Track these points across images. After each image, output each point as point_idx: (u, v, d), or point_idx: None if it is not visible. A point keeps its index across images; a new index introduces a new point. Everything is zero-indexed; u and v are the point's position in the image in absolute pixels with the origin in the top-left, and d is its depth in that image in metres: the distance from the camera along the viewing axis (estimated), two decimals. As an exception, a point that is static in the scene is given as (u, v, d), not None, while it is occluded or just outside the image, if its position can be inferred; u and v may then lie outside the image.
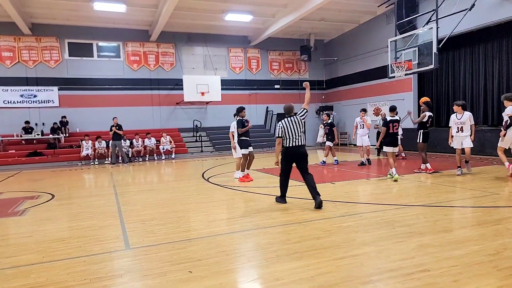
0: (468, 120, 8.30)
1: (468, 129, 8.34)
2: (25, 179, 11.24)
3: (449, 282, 2.96)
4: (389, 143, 8.36)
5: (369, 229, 4.47)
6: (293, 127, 5.86)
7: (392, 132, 8.34)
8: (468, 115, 8.31)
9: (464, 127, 8.34)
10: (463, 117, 8.33)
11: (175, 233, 4.66)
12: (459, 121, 8.36)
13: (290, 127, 5.85)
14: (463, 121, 8.33)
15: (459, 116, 8.40)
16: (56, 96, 16.62)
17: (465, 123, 8.31)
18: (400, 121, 8.60)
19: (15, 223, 5.60)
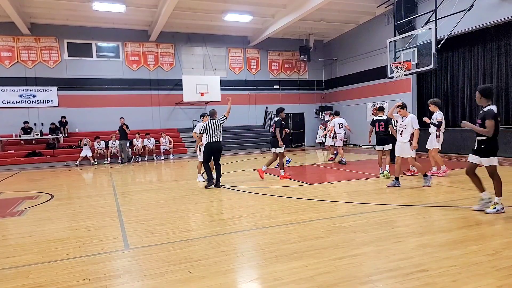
0: (410, 124, 7.13)
1: (409, 134, 7.16)
2: (24, 179, 11.22)
3: (448, 282, 2.96)
4: (377, 142, 8.54)
5: (368, 229, 4.47)
6: (213, 127, 7.89)
7: (378, 131, 8.43)
8: (411, 118, 7.19)
9: (404, 131, 7.21)
10: (406, 120, 7.21)
11: (174, 233, 4.66)
12: (401, 124, 7.32)
13: (210, 127, 7.89)
14: (405, 125, 7.21)
15: (402, 118, 7.35)
16: (55, 96, 16.59)
17: (406, 127, 7.17)
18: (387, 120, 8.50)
19: (14, 223, 5.59)
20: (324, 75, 21.81)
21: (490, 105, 5.06)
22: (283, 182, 8.39)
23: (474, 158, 5.17)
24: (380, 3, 15.83)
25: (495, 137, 5.08)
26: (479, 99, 5.20)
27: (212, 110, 8.53)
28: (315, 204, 6.07)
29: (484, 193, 5.13)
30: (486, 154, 5.04)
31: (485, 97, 5.16)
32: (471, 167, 5.19)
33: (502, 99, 13.05)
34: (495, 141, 5.08)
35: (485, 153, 5.04)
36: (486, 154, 5.04)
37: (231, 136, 18.82)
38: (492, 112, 4.95)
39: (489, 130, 4.93)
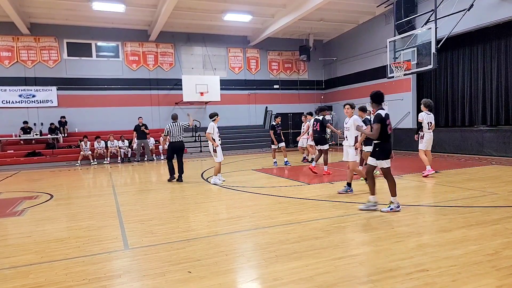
0: (353, 126, 6.54)
1: (353, 137, 6.71)
2: (23, 179, 11.22)
3: (447, 282, 2.96)
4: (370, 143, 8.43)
5: (368, 229, 4.47)
6: (175, 129, 9.00)
7: None
8: (353, 119, 6.64)
9: (348, 134, 6.72)
10: (349, 122, 6.62)
11: (174, 233, 4.66)
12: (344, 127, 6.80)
13: (173, 129, 8.97)
14: (348, 127, 6.67)
15: (346, 120, 6.79)
16: (54, 96, 16.58)
17: (350, 129, 6.68)
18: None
19: (13, 223, 5.59)
20: (324, 75, 21.81)
21: (380, 110, 5.25)
22: (282, 183, 8.39)
23: (371, 160, 5.36)
24: (380, 3, 15.83)
25: (387, 140, 5.25)
26: (371, 104, 5.40)
27: (174, 114, 9.53)
28: (315, 204, 6.07)
29: (372, 197, 5.32)
30: (379, 157, 5.23)
31: (375, 102, 5.34)
32: (369, 169, 5.40)
33: (502, 99, 13.04)
34: (387, 145, 5.25)
35: (378, 155, 5.23)
36: (379, 156, 5.23)
37: (231, 136, 18.81)
38: (379, 116, 5.16)
39: (374, 133, 5.15)
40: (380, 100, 5.33)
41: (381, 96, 5.35)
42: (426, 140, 8.54)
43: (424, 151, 8.56)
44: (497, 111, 13.27)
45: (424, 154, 8.57)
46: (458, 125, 14.67)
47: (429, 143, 8.59)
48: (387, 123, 5.18)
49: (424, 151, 8.57)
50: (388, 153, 5.27)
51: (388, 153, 5.26)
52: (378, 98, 5.33)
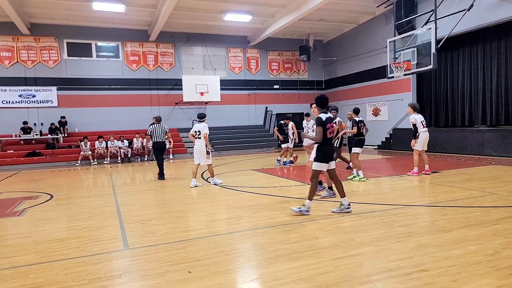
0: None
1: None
2: (23, 179, 11.22)
3: (447, 282, 2.96)
4: (361, 144, 8.40)
5: (368, 229, 4.47)
6: (158, 130, 9.58)
7: (362, 133, 8.40)
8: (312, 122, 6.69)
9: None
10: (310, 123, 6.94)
11: (174, 233, 4.66)
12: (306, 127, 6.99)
13: (156, 130, 9.57)
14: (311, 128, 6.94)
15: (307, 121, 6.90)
16: (54, 96, 16.58)
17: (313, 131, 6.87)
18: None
19: (13, 223, 5.59)
20: (324, 75, 21.81)
21: (322, 113, 5.27)
22: (282, 183, 8.39)
23: (314, 164, 5.36)
24: (380, 3, 15.84)
25: (327, 144, 5.28)
26: (314, 108, 5.44)
27: (158, 116, 10.14)
28: (315, 204, 6.07)
29: (308, 201, 5.31)
30: (319, 160, 5.27)
31: (319, 106, 5.38)
32: (330, 173, 5.43)
33: (502, 99, 13.04)
34: (328, 148, 5.29)
35: (319, 158, 5.28)
36: (319, 159, 5.27)
37: (231, 136, 18.83)
38: (319, 120, 5.19)
39: (317, 136, 5.18)
40: (324, 104, 5.37)
41: (325, 100, 5.39)
42: (421, 140, 8.56)
43: (419, 152, 8.59)
44: (497, 111, 13.27)
45: (417, 155, 8.60)
46: (458, 125, 14.67)
47: (424, 142, 8.62)
48: (327, 127, 5.21)
49: (419, 152, 8.59)
50: (329, 156, 5.32)
51: (328, 156, 5.31)
52: (323, 102, 5.36)
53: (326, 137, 5.22)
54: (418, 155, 8.64)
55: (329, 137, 5.27)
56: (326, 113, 5.31)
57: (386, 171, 9.47)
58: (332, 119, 5.33)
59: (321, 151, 5.25)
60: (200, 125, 8.37)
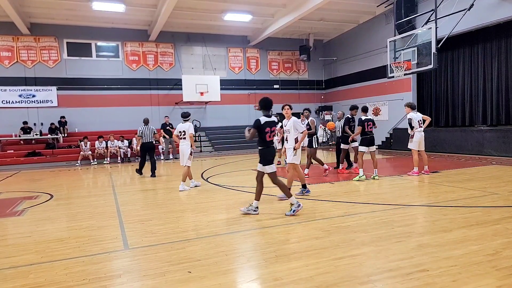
0: (292, 127, 6.30)
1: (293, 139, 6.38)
2: (23, 179, 11.21)
3: (448, 282, 2.96)
4: (367, 143, 8.32)
5: (368, 229, 4.47)
6: (147, 132, 10.23)
7: (368, 131, 8.28)
8: (293, 121, 6.33)
9: (288, 136, 6.50)
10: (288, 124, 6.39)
11: (174, 233, 4.65)
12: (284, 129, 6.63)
13: (145, 131, 10.23)
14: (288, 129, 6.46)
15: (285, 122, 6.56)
16: (54, 96, 16.58)
17: (290, 131, 6.42)
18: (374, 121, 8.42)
19: (13, 223, 5.59)
20: (324, 74, 21.80)
21: (263, 116, 5.31)
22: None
23: (258, 165, 5.42)
24: (380, 2, 15.82)
25: (268, 146, 5.31)
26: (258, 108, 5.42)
27: (145, 118, 10.71)
28: (315, 204, 6.07)
29: (256, 202, 5.39)
30: (262, 162, 5.33)
31: (262, 108, 5.40)
32: (258, 174, 5.44)
33: (503, 98, 13.03)
34: (269, 150, 5.32)
35: (261, 161, 5.34)
36: (262, 162, 5.33)
37: (231, 136, 18.82)
38: (256, 122, 5.23)
39: (249, 136, 5.21)
40: (268, 107, 5.38)
41: (268, 103, 5.39)
42: (416, 140, 8.57)
43: (417, 152, 8.59)
44: (497, 111, 13.26)
45: (416, 155, 8.60)
46: (458, 125, 14.67)
47: (420, 142, 8.62)
48: (266, 130, 5.22)
49: (417, 152, 8.59)
50: (271, 159, 5.35)
51: (270, 158, 5.35)
52: (266, 104, 5.37)
53: (265, 140, 5.27)
54: (418, 155, 8.64)
55: (268, 140, 5.30)
56: (270, 116, 5.35)
57: (386, 171, 9.47)
58: (272, 122, 5.33)
59: (262, 153, 5.31)
60: (185, 125, 8.03)
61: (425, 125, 8.75)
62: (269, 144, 5.37)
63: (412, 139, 8.59)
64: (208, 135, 18.76)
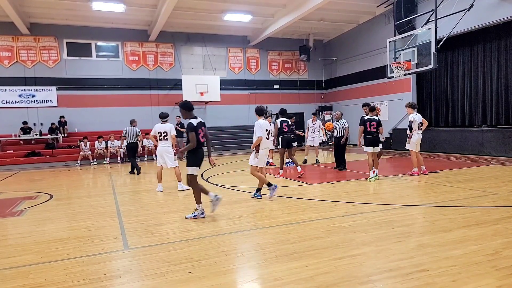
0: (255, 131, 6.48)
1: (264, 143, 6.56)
2: (23, 179, 11.21)
3: (448, 282, 2.96)
4: (368, 143, 8.20)
5: (368, 229, 4.47)
6: (131, 132, 10.81)
7: (370, 131, 8.15)
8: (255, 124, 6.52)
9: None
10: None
11: (174, 233, 4.65)
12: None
13: (129, 132, 10.79)
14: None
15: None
16: (54, 96, 16.57)
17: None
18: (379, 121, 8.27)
19: (13, 224, 5.58)
20: (324, 75, 21.80)
21: (192, 119, 5.33)
22: (282, 183, 8.38)
23: (188, 168, 5.42)
24: (380, 2, 15.83)
25: (197, 149, 5.34)
26: (183, 113, 5.45)
27: (132, 120, 11.16)
28: (315, 204, 6.07)
29: (199, 205, 5.42)
30: (189, 163, 5.37)
31: (185, 111, 5.41)
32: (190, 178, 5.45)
33: (502, 99, 13.03)
34: (197, 152, 5.36)
35: (189, 162, 5.37)
36: (189, 163, 5.37)
37: (231, 136, 18.81)
38: (191, 125, 5.26)
39: (191, 144, 5.23)
40: (189, 109, 5.41)
41: (188, 105, 5.42)
42: (414, 141, 8.59)
43: (415, 152, 8.60)
44: (497, 111, 13.26)
45: (415, 156, 8.62)
46: (458, 125, 14.67)
47: (417, 144, 8.64)
48: (198, 131, 5.25)
49: (415, 153, 8.60)
50: (198, 161, 5.38)
51: (198, 160, 5.37)
52: (189, 107, 5.40)
53: (199, 141, 5.29)
54: (415, 156, 8.64)
55: (201, 141, 5.33)
56: (196, 118, 5.37)
57: (386, 171, 9.47)
58: (203, 123, 5.40)
59: (194, 155, 5.32)
60: (165, 125, 7.88)
61: (422, 128, 8.69)
62: (202, 145, 5.40)
63: (410, 140, 8.61)
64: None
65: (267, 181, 6.52)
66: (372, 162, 8.17)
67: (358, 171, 9.74)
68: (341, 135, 9.97)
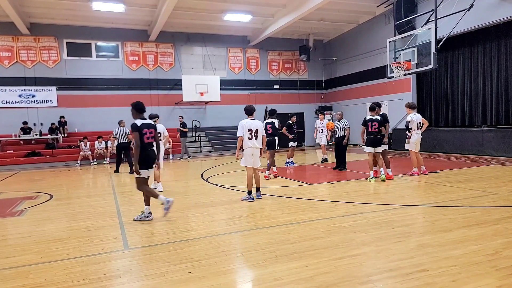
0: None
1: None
2: (23, 179, 11.21)
3: (448, 282, 2.96)
4: (369, 143, 8.10)
5: (368, 229, 4.47)
6: (120, 133, 11.36)
7: (371, 132, 8.03)
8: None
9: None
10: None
11: (174, 233, 4.65)
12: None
13: (119, 133, 11.35)
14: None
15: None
16: (54, 96, 16.57)
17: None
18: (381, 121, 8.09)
19: (13, 224, 5.58)
20: (324, 75, 21.80)
21: (139, 119, 5.29)
22: (282, 183, 8.38)
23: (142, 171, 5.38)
24: (380, 2, 15.82)
25: (145, 150, 5.29)
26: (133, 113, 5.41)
27: (120, 120, 11.59)
28: (315, 204, 6.07)
29: (146, 207, 5.44)
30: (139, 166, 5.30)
31: (136, 111, 5.37)
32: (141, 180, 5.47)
33: (502, 99, 13.03)
34: (145, 154, 5.32)
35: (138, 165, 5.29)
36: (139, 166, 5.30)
37: (231, 136, 18.79)
38: (134, 125, 5.22)
39: (135, 144, 5.16)
40: (139, 110, 5.36)
41: (139, 106, 5.38)
42: (413, 141, 8.58)
43: (415, 153, 8.59)
44: (497, 111, 13.26)
45: (414, 155, 8.61)
46: (458, 125, 14.67)
47: (417, 144, 8.63)
48: (143, 132, 5.21)
49: (415, 153, 8.60)
50: (146, 163, 5.33)
51: (146, 163, 5.33)
52: (140, 108, 5.37)
53: (144, 142, 5.23)
54: (415, 156, 8.63)
55: (146, 142, 5.28)
56: (145, 118, 5.35)
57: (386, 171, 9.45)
58: (149, 124, 5.35)
59: (141, 158, 5.26)
60: (158, 126, 7.81)
61: (423, 129, 8.64)
62: (148, 147, 5.35)
63: (409, 140, 8.59)
64: (208, 135, 18.76)
65: (250, 188, 6.46)
66: (373, 163, 8.15)
67: (358, 171, 9.74)
68: (342, 135, 9.95)
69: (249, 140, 6.37)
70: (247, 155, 6.39)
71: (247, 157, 6.40)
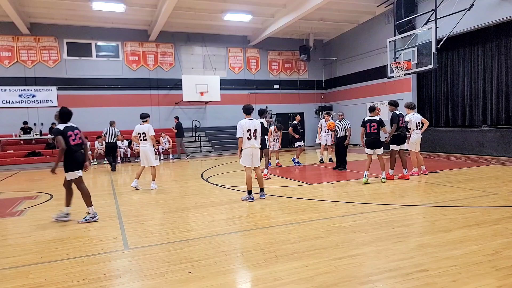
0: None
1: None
2: (23, 179, 11.21)
3: (448, 282, 2.96)
4: (368, 145, 8.05)
5: (368, 229, 4.47)
6: (110, 133, 11.80)
7: (370, 133, 7.96)
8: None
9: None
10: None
11: (174, 233, 4.65)
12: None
13: (109, 132, 11.80)
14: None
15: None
16: (54, 96, 16.57)
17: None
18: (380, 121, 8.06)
19: (13, 223, 5.59)
20: (324, 74, 21.79)
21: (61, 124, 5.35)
22: (282, 183, 8.38)
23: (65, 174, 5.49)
24: (380, 2, 15.82)
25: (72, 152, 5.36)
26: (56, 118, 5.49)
27: (111, 121, 12.06)
28: (315, 204, 6.07)
29: (66, 208, 5.59)
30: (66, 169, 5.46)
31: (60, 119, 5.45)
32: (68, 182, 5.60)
33: (502, 99, 13.02)
34: (73, 156, 5.39)
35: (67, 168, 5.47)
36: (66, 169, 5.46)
37: (231, 136, 18.79)
38: (56, 130, 5.29)
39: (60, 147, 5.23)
40: (66, 119, 5.42)
41: (63, 111, 5.43)
42: (413, 141, 8.57)
43: (415, 152, 8.59)
44: (497, 111, 13.25)
45: (414, 155, 8.61)
46: (458, 125, 14.66)
47: (417, 144, 8.62)
48: (68, 134, 5.25)
49: (415, 152, 8.59)
50: (76, 165, 5.40)
51: (75, 165, 5.40)
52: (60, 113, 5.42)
53: (70, 145, 5.26)
54: (415, 156, 8.63)
55: (72, 144, 5.30)
56: (66, 122, 5.38)
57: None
58: (72, 127, 5.38)
59: (69, 160, 5.33)
60: (144, 126, 8.04)
61: (423, 129, 8.63)
62: (75, 149, 5.36)
63: (409, 140, 8.59)
64: (208, 135, 18.75)
65: (250, 188, 6.44)
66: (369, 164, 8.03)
67: (358, 171, 9.73)
68: (343, 135, 9.93)
69: (248, 140, 6.37)
70: (246, 155, 6.40)
71: (246, 157, 6.40)
